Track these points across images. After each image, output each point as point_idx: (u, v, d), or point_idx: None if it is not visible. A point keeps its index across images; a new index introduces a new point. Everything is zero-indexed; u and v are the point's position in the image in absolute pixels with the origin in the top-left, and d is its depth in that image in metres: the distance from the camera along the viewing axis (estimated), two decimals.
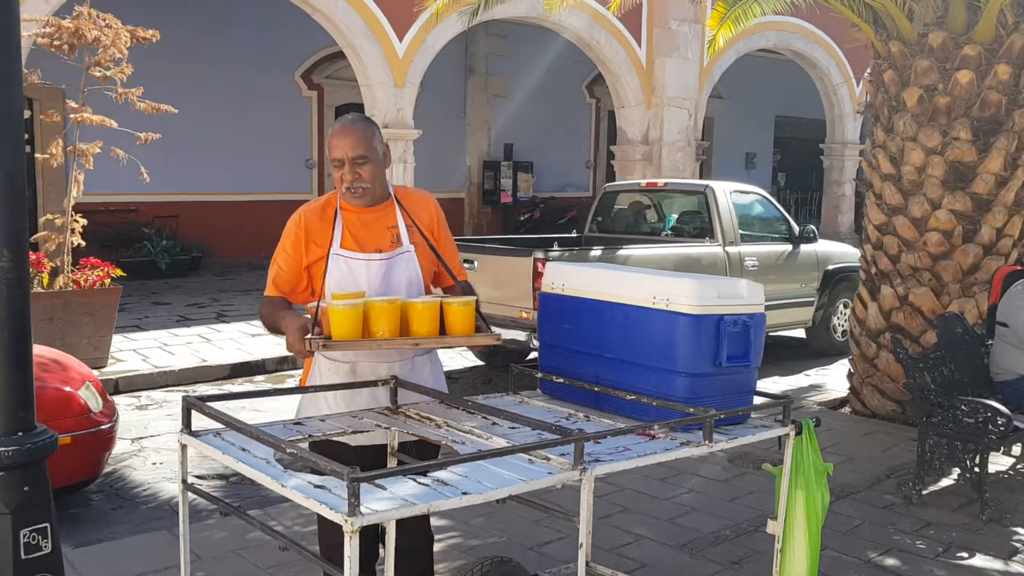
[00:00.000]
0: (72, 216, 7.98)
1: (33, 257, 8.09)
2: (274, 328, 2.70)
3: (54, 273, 7.71)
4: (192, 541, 3.80)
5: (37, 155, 8.31)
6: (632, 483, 4.81)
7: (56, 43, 7.85)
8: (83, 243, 7.97)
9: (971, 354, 5.05)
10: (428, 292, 2.85)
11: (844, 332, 8.76)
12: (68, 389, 4.53)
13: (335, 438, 2.53)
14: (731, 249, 8.00)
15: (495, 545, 4.01)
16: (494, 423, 2.58)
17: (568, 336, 2.84)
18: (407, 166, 12.43)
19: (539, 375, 2.95)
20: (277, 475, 2.00)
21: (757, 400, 2.77)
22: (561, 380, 2.84)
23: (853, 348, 6.48)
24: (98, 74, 7.85)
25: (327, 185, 16.58)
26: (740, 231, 8.15)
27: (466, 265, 7.32)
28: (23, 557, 2.15)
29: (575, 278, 2.86)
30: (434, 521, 4.16)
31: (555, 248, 7.37)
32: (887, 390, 6.12)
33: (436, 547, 3.85)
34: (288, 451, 1.95)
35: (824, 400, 6.97)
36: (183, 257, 13.36)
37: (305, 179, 16.20)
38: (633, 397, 2.62)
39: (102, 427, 4.58)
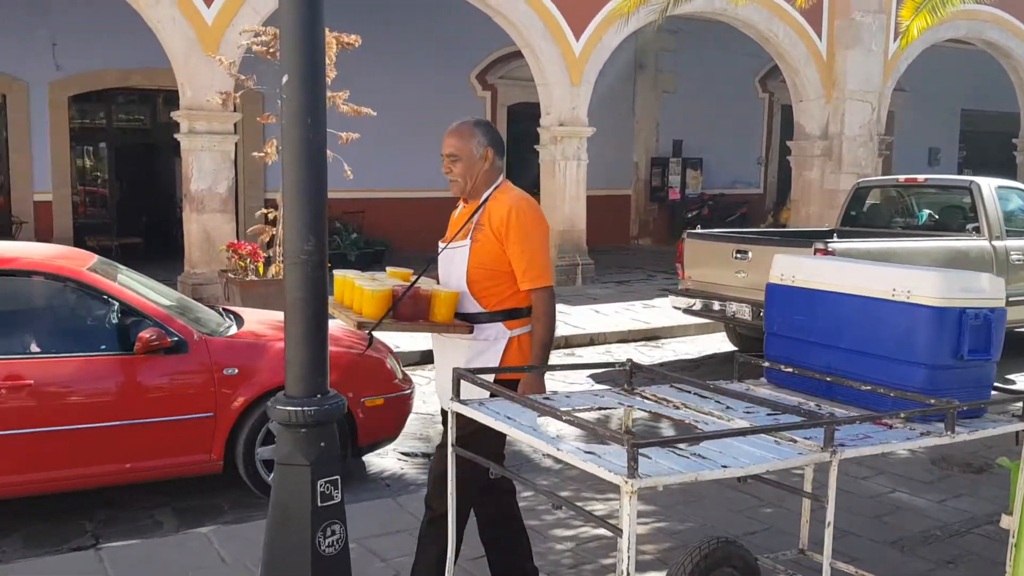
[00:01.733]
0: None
1: (249, 248, 8.84)
2: None
3: (268, 262, 8.38)
4: (413, 509, 4.12)
5: (254, 153, 9.00)
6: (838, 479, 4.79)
7: (271, 51, 8.52)
8: None
9: None
10: (476, 283, 3.04)
11: None
12: (378, 357, 5.12)
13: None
14: (997, 243, 8.11)
15: (700, 531, 4.11)
16: (728, 407, 2.70)
17: (799, 327, 2.92)
18: (580, 163, 12.64)
19: (765, 364, 3.05)
20: (550, 440, 2.21)
21: (996, 395, 2.76)
22: (791, 369, 2.92)
23: None
24: None
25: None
26: (1004, 226, 8.26)
27: (738, 256, 7.81)
28: (319, 504, 2.46)
29: (807, 270, 2.93)
30: (640, 505, 4.32)
31: (835, 240, 7.56)
32: None
33: (641, 529, 4.01)
34: (564, 418, 2.15)
35: None
36: (368, 251, 14.10)
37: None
38: (869, 387, 2.68)
39: (404, 392, 5.16)
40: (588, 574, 3.64)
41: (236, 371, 4.58)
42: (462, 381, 2.76)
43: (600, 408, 2.70)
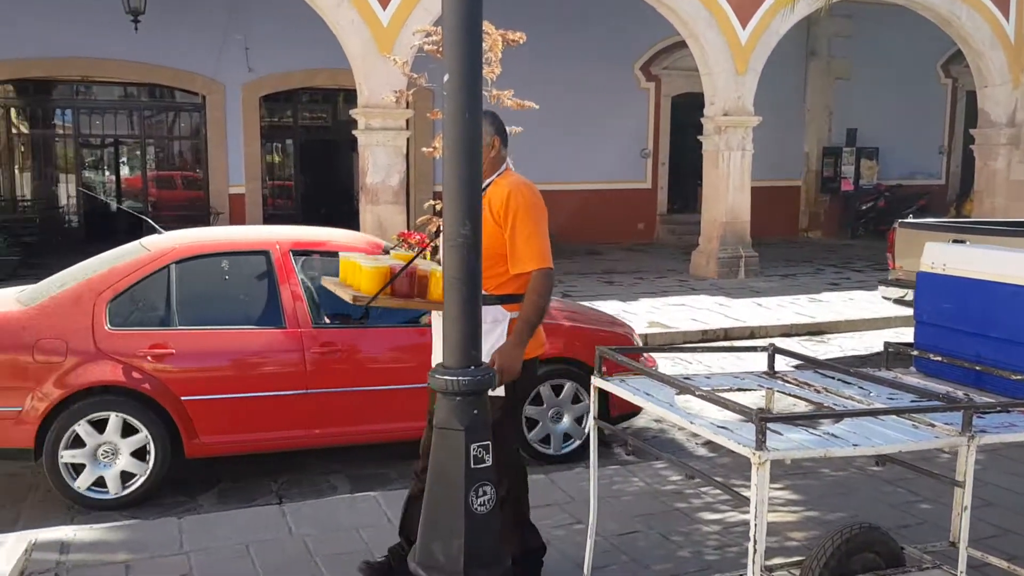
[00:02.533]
0: None
1: (418, 237, 9.31)
2: None
3: (435, 251, 8.79)
4: (564, 485, 4.30)
5: (423, 148, 9.43)
6: (995, 475, 4.62)
7: (440, 50, 8.92)
8: None
9: None
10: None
11: None
12: (624, 334, 5.67)
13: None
14: None
15: (849, 521, 4.08)
16: (871, 392, 2.72)
17: (948, 315, 2.90)
18: (745, 153, 12.43)
19: (914, 353, 3.03)
20: (684, 415, 2.34)
21: None
22: (940, 358, 2.90)
23: None
24: None
25: (661, 173, 17.00)
26: None
27: (955, 244, 7.55)
28: (471, 467, 2.69)
29: (958, 258, 2.90)
30: (790, 494, 4.34)
31: None
32: None
33: (790, 517, 4.03)
34: (697, 394, 2.27)
35: None
36: None
37: (640, 168, 16.71)
38: (1020, 377, 2.64)
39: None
40: (731, 554, 3.72)
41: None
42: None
43: (739, 389, 2.78)
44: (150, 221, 6.09)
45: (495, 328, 3.05)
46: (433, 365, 2.98)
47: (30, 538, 3.80)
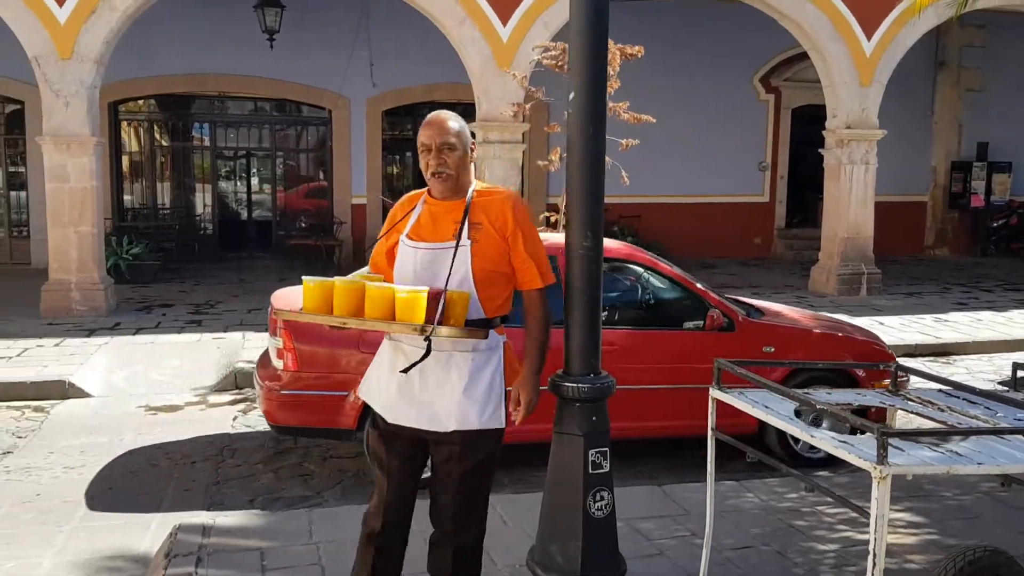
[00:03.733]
0: (566, 215, 9.18)
1: None
2: None
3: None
4: (678, 498, 4.33)
5: (539, 161, 9.62)
6: None
7: (560, 64, 9.07)
8: None
9: None
10: (483, 287, 2.77)
11: None
12: (879, 348, 5.95)
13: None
14: None
15: None
16: (997, 412, 2.68)
17: None
18: (869, 168, 12.10)
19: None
20: (805, 428, 2.37)
21: None
22: None
23: None
24: None
25: (779, 187, 16.68)
26: None
27: None
28: (590, 472, 2.78)
29: None
30: (910, 516, 4.25)
31: None
32: None
33: (911, 540, 3.96)
34: (820, 406, 2.30)
35: None
36: None
37: (757, 181, 16.45)
38: None
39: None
40: (849, 573, 3.68)
41: (772, 349, 5.44)
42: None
43: (861, 406, 2.78)
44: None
45: (494, 354, 2.80)
46: (364, 386, 2.96)
47: (175, 522, 4.10)
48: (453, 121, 2.86)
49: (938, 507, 4.44)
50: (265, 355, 5.80)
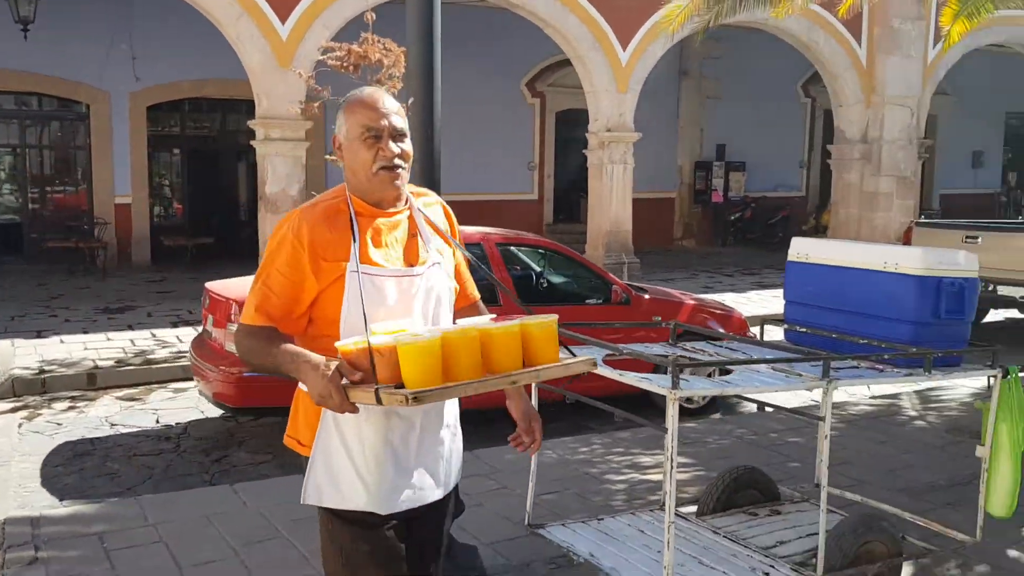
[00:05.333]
0: None
1: None
2: (274, 369, 2.10)
3: None
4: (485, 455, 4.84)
5: (327, 156, 9.80)
6: (856, 443, 5.44)
7: (345, 65, 9.33)
8: None
9: None
10: (454, 313, 2.33)
11: None
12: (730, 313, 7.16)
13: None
14: None
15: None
16: (753, 354, 3.38)
17: (811, 295, 3.60)
18: (627, 167, 13.30)
19: (785, 326, 3.73)
20: (613, 371, 2.92)
21: (969, 348, 3.41)
22: (804, 330, 3.60)
23: None
24: None
25: (547, 186, 17.81)
26: None
27: (968, 240, 9.70)
28: None
29: (818, 249, 3.61)
30: (683, 459, 5.00)
31: None
32: None
33: (684, 476, 4.69)
34: (625, 352, 2.86)
35: None
36: None
37: (527, 180, 17.47)
38: (865, 341, 3.35)
39: None
40: (641, 500, 4.35)
41: (660, 318, 6.10)
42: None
43: (658, 354, 3.39)
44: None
45: None
46: (331, 492, 2.14)
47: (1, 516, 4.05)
48: (396, 101, 2.27)
49: (704, 450, 5.25)
50: (203, 344, 6.15)
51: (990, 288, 9.54)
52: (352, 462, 2.12)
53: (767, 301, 11.62)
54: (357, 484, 2.13)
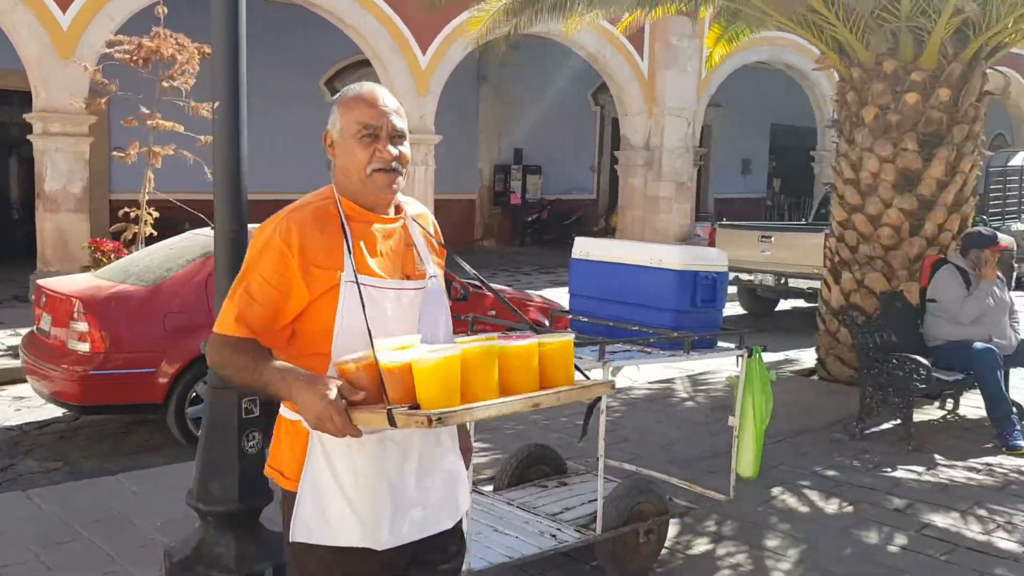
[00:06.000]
0: (146, 210, 9.18)
1: (112, 245, 9.29)
2: (257, 386, 1.91)
3: None
4: None
5: (114, 152, 9.44)
6: (634, 422, 6.01)
7: (134, 59, 9.03)
8: (155, 233, 9.16)
9: (907, 324, 6.25)
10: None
11: None
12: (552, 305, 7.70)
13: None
14: None
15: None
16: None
17: (592, 288, 4.03)
18: (428, 168, 13.62)
19: (570, 316, 4.14)
20: None
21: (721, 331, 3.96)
22: (586, 319, 4.03)
23: (820, 324, 7.65)
24: (166, 84, 8.98)
25: None
26: None
27: (763, 240, 10.75)
28: (243, 417, 3.32)
29: (597, 248, 4.05)
30: (480, 444, 5.33)
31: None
32: (846, 359, 7.30)
33: (483, 459, 5.03)
34: None
35: (798, 369, 8.14)
36: None
37: (326, 179, 17.31)
38: (636, 327, 3.81)
39: None
40: None
41: (494, 312, 6.45)
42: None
43: None
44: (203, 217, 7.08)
45: None
46: (319, 528, 1.94)
47: None
48: (394, 99, 2.12)
49: (500, 435, 5.62)
50: (38, 342, 6.00)
51: (782, 281, 10.67)
52: (344, 494, 1.92)
53: (561, 297, 12.29)
54: (351, 519, 1.92)
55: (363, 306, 1.87)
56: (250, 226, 3.03)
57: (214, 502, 3.31)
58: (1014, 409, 5.87)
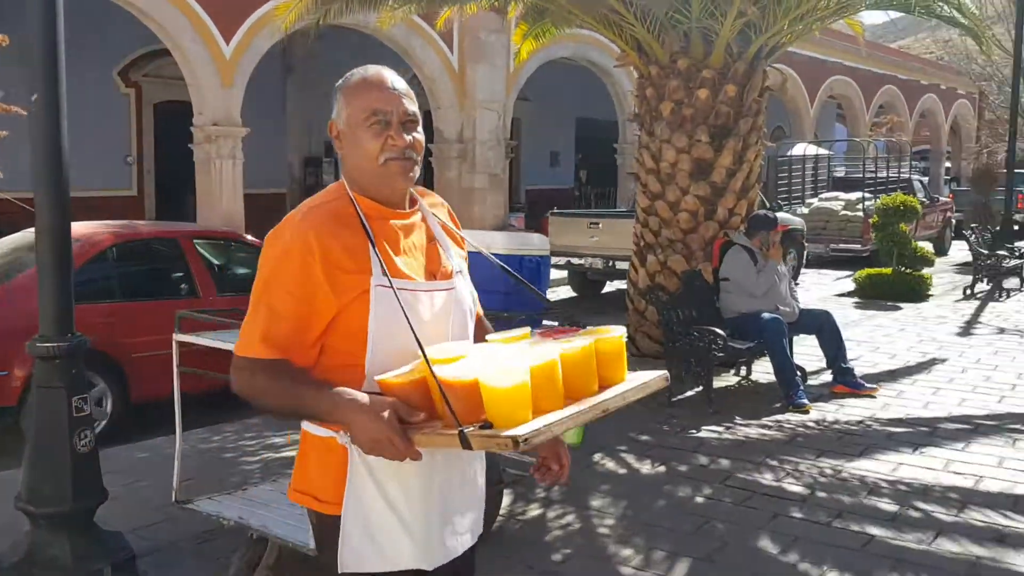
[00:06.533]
0: None
1: None
2: (300, 411, 1.78)
3: None
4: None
5: None
6: None
7: None
8: None
9: (706, 300, 6.85)
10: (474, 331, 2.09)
11: None
12: None
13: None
14: None
15: None
16: None
17: None
18: (236, 162, 13.21)
19: None
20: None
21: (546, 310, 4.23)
22: None
23: (628, 304, 8.20)
24: None
25: (147, 181, 16.94)
26: None
27: (591, 226, 11.48)
28: (74, 415, 3.24)
29: None
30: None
31: None
32: (653, 335, 7.87)
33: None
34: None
35: None
36: None
37: (125, 176, 16.51)
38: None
39: None
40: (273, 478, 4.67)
41: None
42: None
43: None
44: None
45: None
46: (371, 554, 1.81)
47: None
48: (403, 81, 1.96)
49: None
50: None
51: (610, 264, 11.26)
52: (395, 514, 1.79)
53: None
54: (403, 540, 1.80)
55: (404, 313, 1.72)
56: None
57: (45, 503, 3.21)
58: (798, 372, 6.58)
